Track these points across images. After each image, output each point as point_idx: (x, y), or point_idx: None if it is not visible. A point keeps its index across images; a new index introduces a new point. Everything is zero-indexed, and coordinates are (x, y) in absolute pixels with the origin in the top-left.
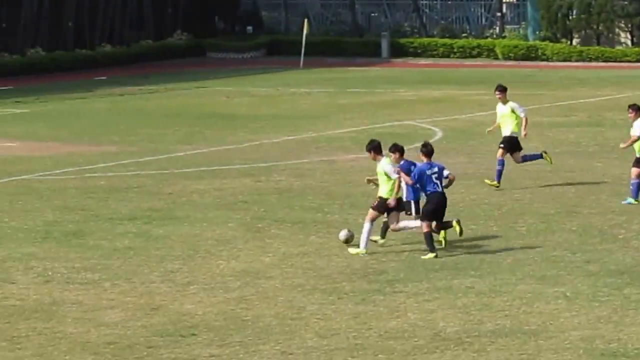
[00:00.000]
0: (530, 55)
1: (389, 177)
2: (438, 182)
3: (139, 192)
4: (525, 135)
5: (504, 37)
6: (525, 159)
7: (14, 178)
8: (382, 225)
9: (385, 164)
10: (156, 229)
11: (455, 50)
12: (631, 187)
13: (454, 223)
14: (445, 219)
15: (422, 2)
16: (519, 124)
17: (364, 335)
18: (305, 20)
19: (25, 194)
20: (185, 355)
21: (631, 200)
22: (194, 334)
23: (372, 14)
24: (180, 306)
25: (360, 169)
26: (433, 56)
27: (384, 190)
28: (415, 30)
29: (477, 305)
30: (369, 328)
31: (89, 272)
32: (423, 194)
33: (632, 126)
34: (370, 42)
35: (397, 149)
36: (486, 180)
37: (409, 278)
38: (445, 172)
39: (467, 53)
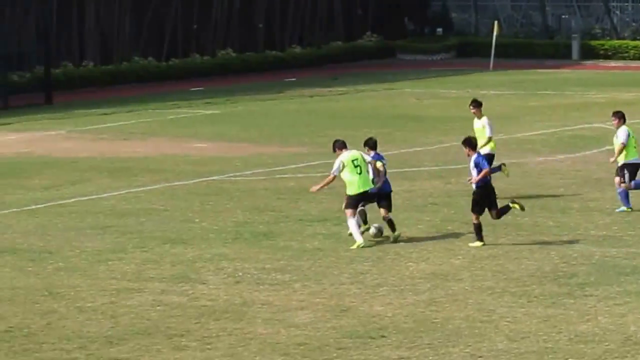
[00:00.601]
0: None
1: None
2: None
3: (329, 193)
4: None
5: None
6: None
7: (204, 179)
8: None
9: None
10: (346, 230)
11: None
12: (618, 196)
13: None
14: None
15: (613, 4)
16: (495, 143)
17: (554, 339)
18: (496, 22)
19: (215, 194)
20: (375, 357)
21: (623, 208)
22: (383, 336)
23: (563, 16)
24: (370, 308)
25: (551, 171)
26: (624, 58)
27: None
28: (606, 33)
29: None
30: (559, 331)
31: (279, 273)
32: None
33: (616, 135)
34: (561, 44)
35: (368, 144)
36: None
37: (600, 281)
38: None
39: None
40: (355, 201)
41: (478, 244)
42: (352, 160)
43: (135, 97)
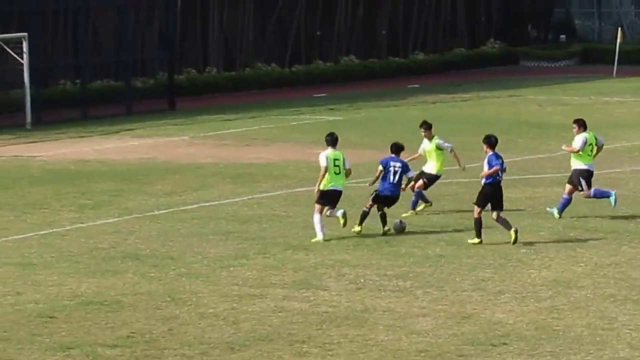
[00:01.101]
0: None
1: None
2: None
3: (452, 200)
4: (463, 167)
5: None
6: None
7: None
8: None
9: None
10: (468, 237)
11: None
12: (562, 201)
13: None
14: None
15: None
16: (443, 163)
17: None
18: (619, 29)
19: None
20: None
21: (555, 211)
22: (505, 343)
23: None
24: (492, 315)
25: None
26: None
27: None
28: None
29: None
30: None
31: (400, 279)
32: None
33: (573, 140)
34: None
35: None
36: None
37: None
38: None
39: None
40: (325, 198)
41: (476, 240)
42: (334, 159)
43: (257, 103)
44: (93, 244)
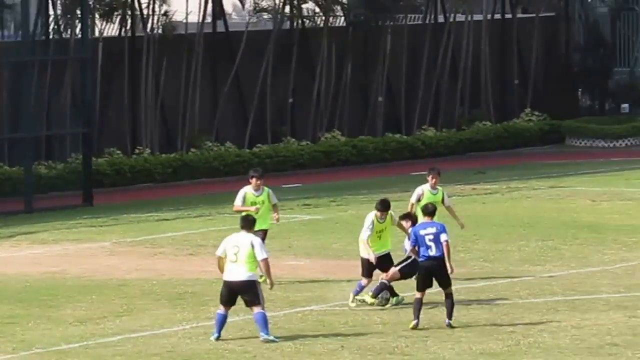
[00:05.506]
0: None
1: None
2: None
3: (470, 329)
4: None
5: None
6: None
7: (299, 309)
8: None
9: None
10: None
11: None
12: None
13: None
14: None
15: None
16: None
17: None
18: None
19: (314, 331)
20: None
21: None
22: None
23: None
24: None
25: None
26: None
27: None
28: None
29: None
30: None
31: None
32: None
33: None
34: None
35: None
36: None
37: None
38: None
39: None
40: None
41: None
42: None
43: (206, 197)
44: None
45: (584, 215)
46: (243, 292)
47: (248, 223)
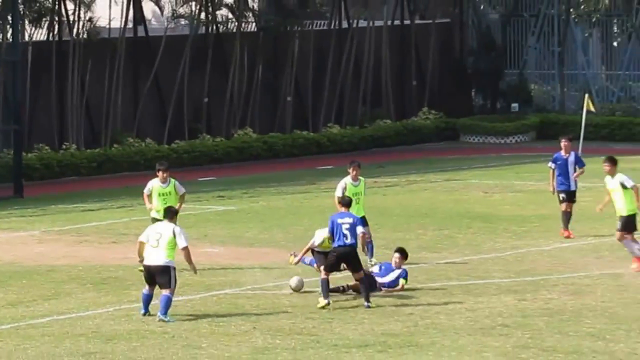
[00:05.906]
0: None
1: None
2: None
3: (372, 312)
4: None
5: None
6: None
7: (214, 293)
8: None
9: None
10: (392, 359)
11: None
12: None
13: None
14: None
15: None
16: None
17: None
18: (586, 96)
19: (228, 313)
20: None
21: None
22: None
23: None
24: None
25: None
26: None
27: None
28: None
29: None
30: None
31: None
32: None
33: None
34: None
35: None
36: None
37: None
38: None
39: None
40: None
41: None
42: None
43: (127, 189)
44: None
45: (477, 206)
46: (158, 275)
47: (170, 213)
